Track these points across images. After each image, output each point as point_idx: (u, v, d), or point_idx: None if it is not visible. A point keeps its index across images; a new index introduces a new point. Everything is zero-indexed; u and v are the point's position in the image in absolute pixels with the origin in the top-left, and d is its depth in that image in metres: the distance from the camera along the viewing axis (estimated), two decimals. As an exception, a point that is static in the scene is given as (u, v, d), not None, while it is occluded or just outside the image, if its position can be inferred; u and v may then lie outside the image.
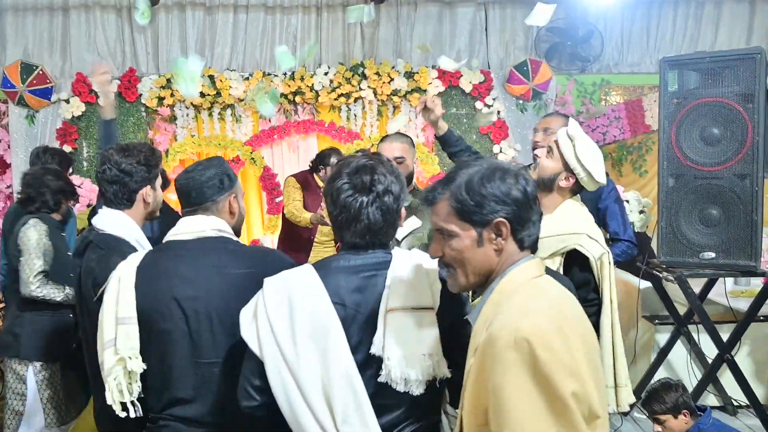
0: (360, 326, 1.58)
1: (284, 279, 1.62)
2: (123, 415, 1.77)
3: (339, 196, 1.62)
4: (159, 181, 2.29)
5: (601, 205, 3.42)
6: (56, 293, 3.03)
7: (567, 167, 2.54)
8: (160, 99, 5.66)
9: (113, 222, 2.15)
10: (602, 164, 2.58)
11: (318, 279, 1.59)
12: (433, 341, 1.58)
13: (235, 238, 1.95)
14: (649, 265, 3.84)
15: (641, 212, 4.10)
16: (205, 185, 1.90)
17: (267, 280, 1.63)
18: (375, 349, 1.55)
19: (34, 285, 2.98)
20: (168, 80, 5.63)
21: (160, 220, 3.39)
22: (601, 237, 2.62)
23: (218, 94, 5.66)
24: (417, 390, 1.56)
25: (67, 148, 5.58)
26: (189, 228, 1.89)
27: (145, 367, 1.79)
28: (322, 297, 1.57)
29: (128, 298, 1.80)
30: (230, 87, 5.64)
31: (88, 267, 2.09)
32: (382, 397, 1.57)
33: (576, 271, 2.55)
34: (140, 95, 5.69)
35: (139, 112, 5.75)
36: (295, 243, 4.60)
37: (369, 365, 1.57)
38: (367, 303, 1.59)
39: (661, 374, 4.01)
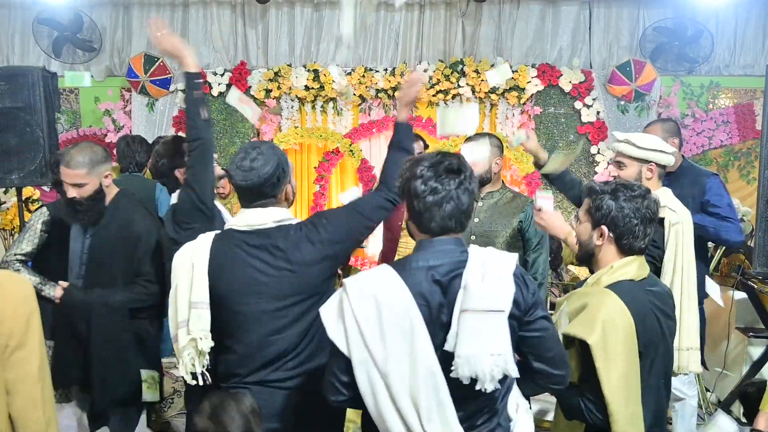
0: (441, 325, 1.65)
1: (367, 279, 1.68)
2: (193, 383, 2.00)
3: (429, 179, 1.68)
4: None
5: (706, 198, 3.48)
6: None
7: (642, 161, 2.87)
8: (268, 91, 5.97)
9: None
10: (659, 140, 2.94)
11: (399, 279, 1.65)
12: (502, 341, 1.61)
13: (295, 221, 2.09)
14: (744, 276, 3.75)
15: (741, 221, 3.96)
16: (266, 185, 2.02)
17: (348, 281, 1.68)
18: (448, 346, 1.62)
19: (8, 265, 2.88)
20: (275, 73, 5.93)
21: None
22: (682, 211, 2.88)
23: (321, 87, 5.91)
24: (488, 386, 1.59)
25: (182, 135, 5.99)
26: (250, 221, 2.04)
27: (213, 345, 1.98)
28: (406, 296, 1.62)
29: (201, 283, 1.99)
30: (333, 81, 5.87)
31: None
32: (457, 390, 1.64)
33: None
34: (249, 87, 6.01)
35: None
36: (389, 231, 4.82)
37: (449, 362, 1.62)
38: (448, 303, 1.65)
39: (752, 388, 3.90)
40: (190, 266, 2.01)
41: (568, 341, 2.00)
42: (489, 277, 1.63)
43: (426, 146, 5.21)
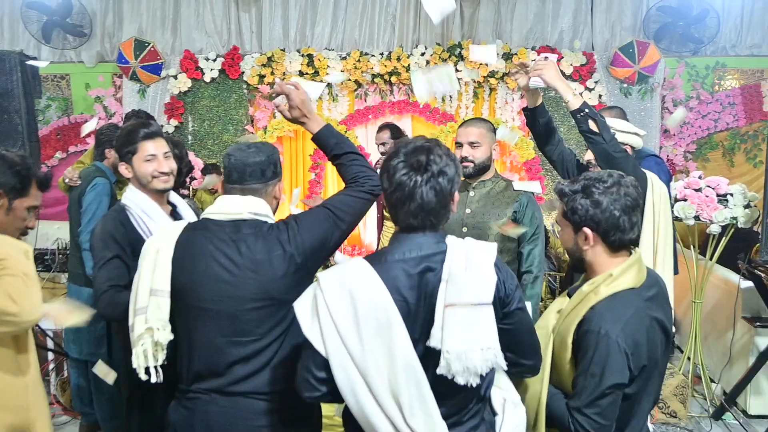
0: (421, 320, 1.59)
1: (341, 274, 1.61)
2: (145, 378, 1.86)
3: (394, 174, 1.61)
4: (140, 156, 2.40)
5: None
6: None
7: None
8: (261, 77, 5.83)
9: (126, 193, 2.45)
10: (630, 124, 3.12)
11: (375, 274, 1.58)
12: (490, 335, 1.56)
13: (271, 220, 1.95)
14: (751, 264, 3.62)
15: (746, 207, 3.81)
16: (256, 166, 1.92)
17: (322, 275, 1.61)
18: (434, 342, 1.55)
19: None
20: (269, 59, 5.78)
21: None
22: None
23: (316, 72, 5.76)
24: (474, 381, 1.54)
25: (174, 122, 5.89)
26: (226, 209, 1.92)
27: (172, 338, 1.86)
28: (381, 291, 1.56)
29: (164, 271, 1.87)
30: (328, 66, 5.73)
31: None
32: (440, 387, 1.57)
33: None
34: (242, 73, 5.88)
35: (241, 89, 5.95)
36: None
37: (430, 358, 1.57)
38: (427, 297, 1.58)
39: (759, 379, 3.79)
40: (155, 252, 1.89)
41: (565, 346, 1.87)
42: (472, 268, 1.57)
43: (397, 135, 4.85)
